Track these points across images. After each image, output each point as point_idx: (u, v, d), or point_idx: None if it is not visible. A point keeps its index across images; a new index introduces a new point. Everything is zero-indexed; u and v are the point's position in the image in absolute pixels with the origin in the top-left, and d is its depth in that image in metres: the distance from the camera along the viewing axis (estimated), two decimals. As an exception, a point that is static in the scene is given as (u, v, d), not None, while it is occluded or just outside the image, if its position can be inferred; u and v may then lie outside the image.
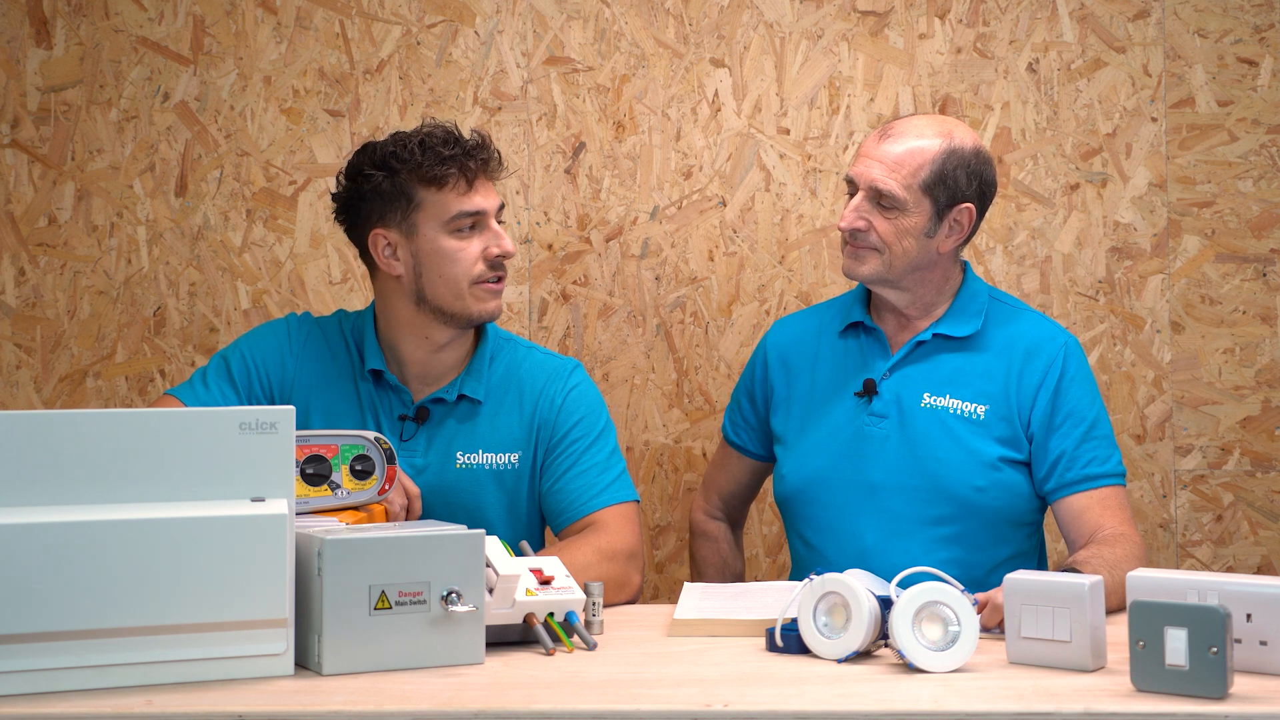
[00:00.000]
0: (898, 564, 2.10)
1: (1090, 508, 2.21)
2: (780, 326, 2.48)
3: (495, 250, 2.19)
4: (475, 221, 2.19)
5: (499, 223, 2.23)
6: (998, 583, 1.80)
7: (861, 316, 2.35)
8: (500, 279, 2.22)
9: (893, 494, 2.26)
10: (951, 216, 2.25)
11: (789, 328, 2.46)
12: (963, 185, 2.24)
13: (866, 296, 2.38)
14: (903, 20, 2.87)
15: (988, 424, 2.25)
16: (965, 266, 2.37)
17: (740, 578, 2.57)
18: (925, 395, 2.27)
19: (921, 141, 2.24)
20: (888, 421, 2.28)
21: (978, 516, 2.24)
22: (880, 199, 2.23)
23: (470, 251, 2.19)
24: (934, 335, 2.29)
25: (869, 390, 2.29)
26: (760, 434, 2.47)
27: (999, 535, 2.27)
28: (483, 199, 2.20)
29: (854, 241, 2.25)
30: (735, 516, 2.58)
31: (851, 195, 2.27)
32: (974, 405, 2.26)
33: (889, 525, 2.25)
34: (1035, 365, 2.27)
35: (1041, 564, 2.39)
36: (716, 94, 2.88)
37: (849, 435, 2.30)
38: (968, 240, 2.30)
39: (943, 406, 2.26)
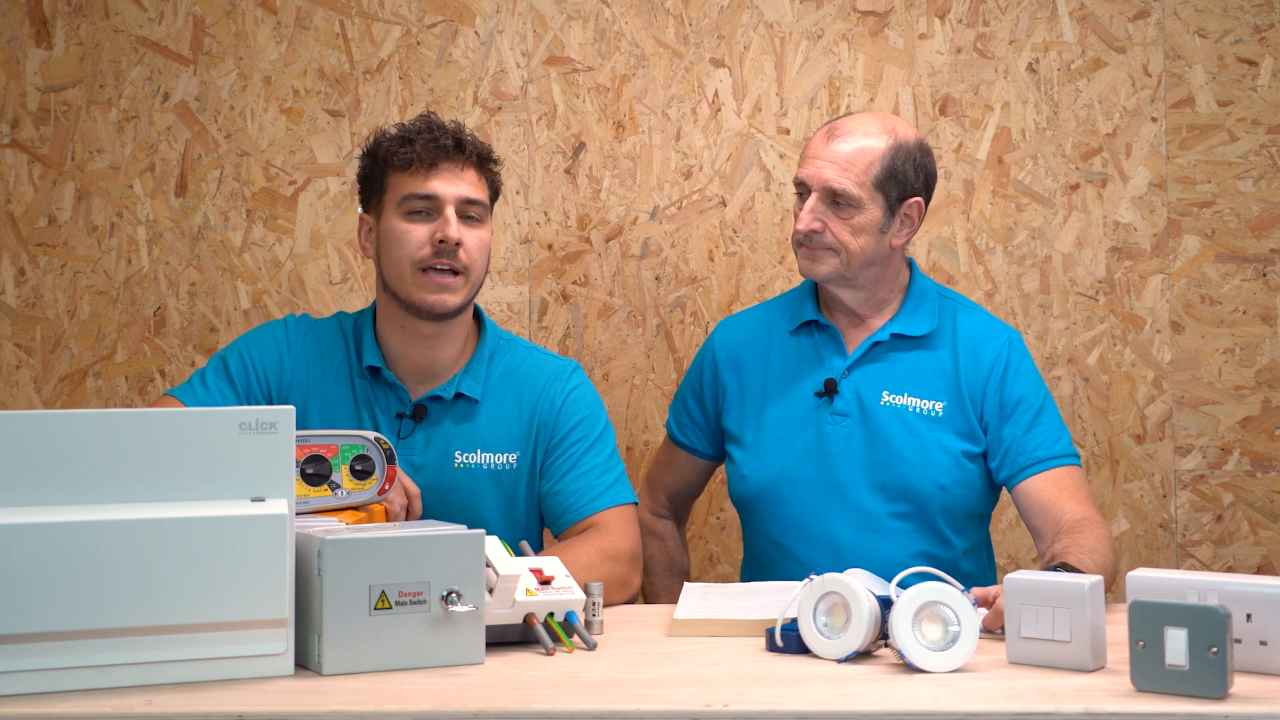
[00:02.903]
0: (873, 560, 2.17)
1: (1046, 489, 2.24)
2: (726, 326, 2.50)
3: (439, 235, 2.15)
4: (428, 206, 2.17)
5: (470, 218, 2.18)
6: (957, 577, 1.84)
7: (814, 315, 2.38)
8: (452, 270, 2.16)
9: (860, 492, 2.30)
10: (902, 211, 2.30)
11: (736, 327, 2.48)
12: (911, 179, 2.30)
13: (816, 293, 2.41)
14: (903, 20, 2.87)
15: (947, 419, 2.30)
16: (911, 263, 2.41)
17: (687, 574, 2.61)
18: (884, 394, 2.32)
19: (869, 140, 2.28)
20: (850, 420, 2.31)
21: (943, 514, 2.30)
22: (835, 199, 2.27)
23: (417, 234, 2.16)
24: (891, 335, 2.33)
25: (830, 390, 2.32)
26: (709, 433, 2.49)
27: (959, 530, 2.33)
28: (442, 185, 2.16)
29: (809, 243, 2.29)
30: (681, 513, 2.62)
31: (801, 196, 2.30)
32: (932, 402, 2.31)
33: (860, 522, 2.30)
34: (982, 359, 2.32)
35: (990, 551, 2.45)
36: (716, 94, 2.88)
37: (811, 434, 2.33)
38: (913, 234, 2.34)
39: (902, 404, 2.31)
